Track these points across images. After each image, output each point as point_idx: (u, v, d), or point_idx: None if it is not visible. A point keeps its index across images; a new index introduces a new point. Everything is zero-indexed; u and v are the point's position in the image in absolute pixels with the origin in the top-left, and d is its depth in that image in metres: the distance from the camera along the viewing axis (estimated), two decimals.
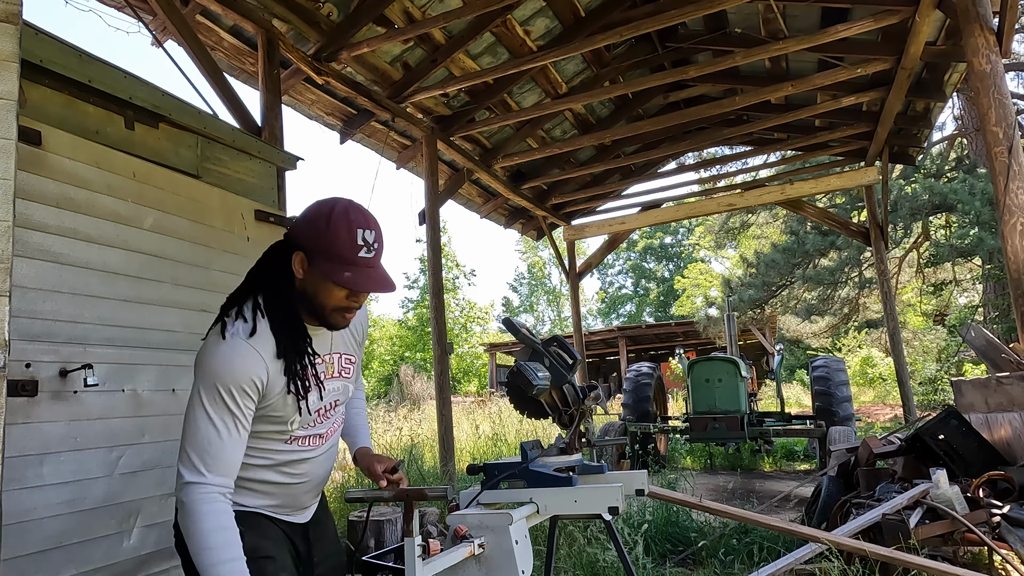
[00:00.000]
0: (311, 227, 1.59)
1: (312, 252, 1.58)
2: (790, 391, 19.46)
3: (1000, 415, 4.04)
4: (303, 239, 1.60)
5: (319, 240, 1.56)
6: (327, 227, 1.56)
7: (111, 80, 2.93)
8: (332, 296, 1.61)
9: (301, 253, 1.60)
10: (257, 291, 1.65)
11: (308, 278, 1.60)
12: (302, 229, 1.61)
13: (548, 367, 2.64)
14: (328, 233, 1.55)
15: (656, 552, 4.42)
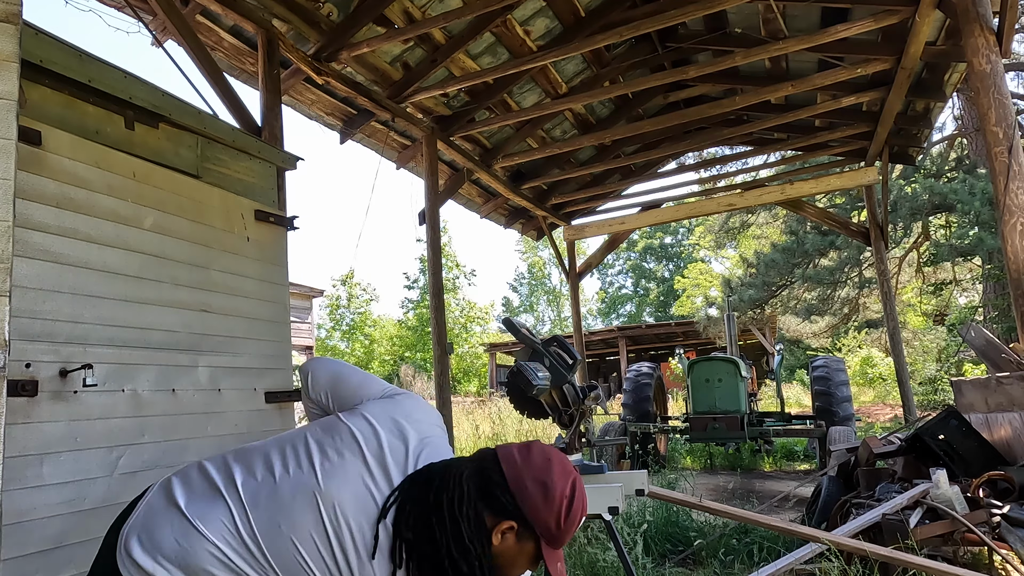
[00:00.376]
0: (533, 501, 1.30)
1: (523, 530, 1.32)
2: (790, 391, 19.46)
3: (1000, 415, 4.04)
4: (522, 509, 1.30)
5: (543, 519, 1.31)
6: (551, 507, 1.31)
7: (111, 80, 2.93)
8: (521, 566, 1.37)
9: (510, 524, 1.31)
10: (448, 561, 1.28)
11: (505, 548, 1.33)
12: (520, 495, 1.30)
13: (548, 367, 2.65)
14: (552, 514, 1.31)
15: (656, 552, 4.42)
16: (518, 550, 1.33)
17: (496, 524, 1.31)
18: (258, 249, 3.72)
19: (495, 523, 1.31)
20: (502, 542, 1.31)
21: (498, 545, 1.32)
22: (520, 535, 1.31)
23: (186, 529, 1.32)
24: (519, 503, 1.30)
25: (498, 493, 1.30)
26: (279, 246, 3.89)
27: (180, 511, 1.36)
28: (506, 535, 1.31)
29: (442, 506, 1.28)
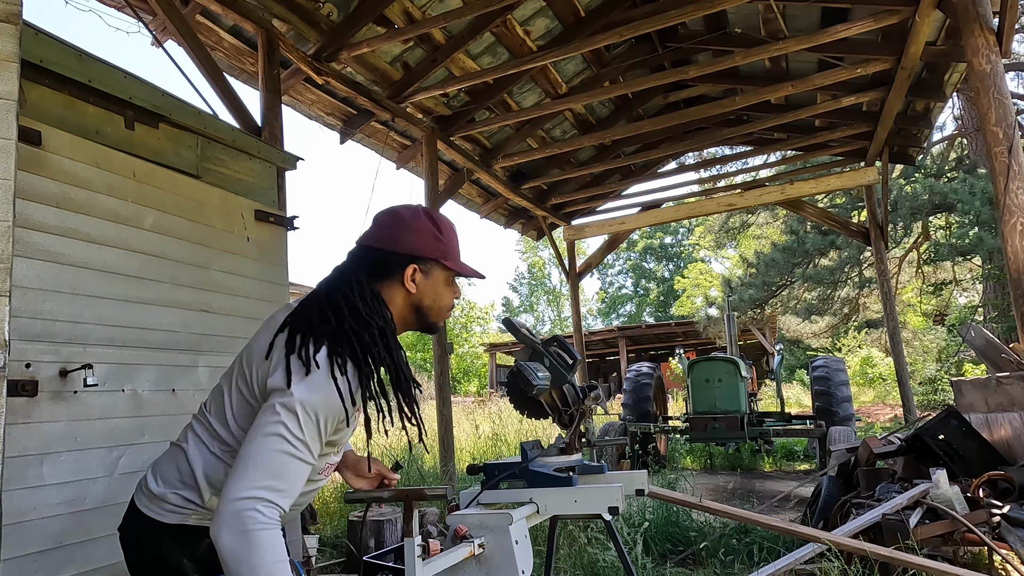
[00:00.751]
0: (422, 239, 1.52)
1: (431, 260, 1.53)
2: (790, 391, 19.46)
3: (1000, 415, 4.04)
4: (419, 249, 1.51)
5: (439, 247, 1.53)
6: (441, 233, 1.53)
7: (111, 80, 2.93)
8: (447, 299, 1.59)
9: (415, 265, 1.51)
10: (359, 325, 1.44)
11: (424, 288, 1.53)
12: (410, 240, 1.51)
13: (548, 367, 2.65)
14: (444, 238, 1.53)
15: (656, 552, 4.43)
16: (432, 281, 1.53)
17: (401, 278, 1.50)
18: (258, 249, 3.72)
19: (400, 279, 1.50)
20: (416, 286, 1.51)
21: (416, 291, 1.52)
22: (423, 270, 1.51)
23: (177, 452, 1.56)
24: (400, 249, 1.49)
25: (381, 260, 1.50)
26: (279, 246, 3.89)
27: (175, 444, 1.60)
28: (415, 278, 1.50)
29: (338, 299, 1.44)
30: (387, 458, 7.08)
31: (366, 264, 1.52)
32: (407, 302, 1.54)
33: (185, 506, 1.48)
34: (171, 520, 1.48)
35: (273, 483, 1.29)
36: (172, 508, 1.49)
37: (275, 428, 1.32)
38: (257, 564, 1.23)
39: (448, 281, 1.58)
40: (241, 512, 1.25)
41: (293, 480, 1.33)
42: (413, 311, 1.56)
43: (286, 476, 1.31)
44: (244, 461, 1.30)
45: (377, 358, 1.45)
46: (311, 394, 1.34)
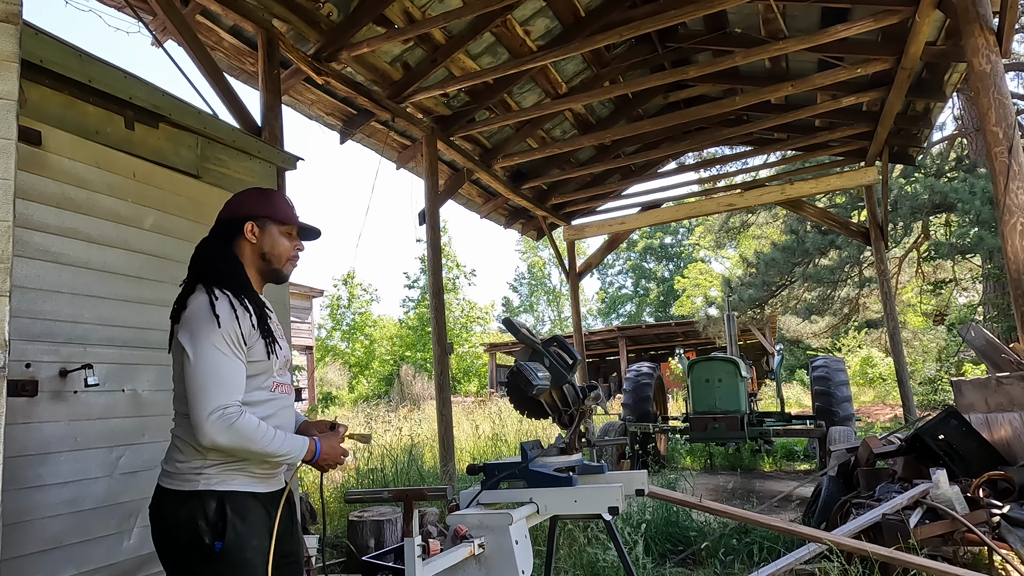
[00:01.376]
0: (252, 203, 1.97)
1: (262, 218, 1.95)
2: (790, 391, 19.45)
3: (1000, 415, 4.04)
4: (250, 211, 1.95)
5: (265, 207, 1.96)
6: (266, 198, 1.99)
7: (111, 80, 2.93)
8: (284, 247, 1.98)
9: (251, 222, 1.94)
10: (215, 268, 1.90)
11: (262, 239, 1.96)
12: (244, 207, 1.97)
13: (548, 367, 2.65)
14: (269, 201, 1.98)
15: (656, 552, 4.43)
16: (270, 234, 1.96)
17: (241, 233, 1.94)
18: None
19: (240, 233, 1.94)
20: (258, 236, 1.95)
21: (258, 240, 1.95)
22: (259, 223, 1.94)
23: (175, 438, 2.01)
24: (239, 212, 1.95)
25: (224, 224, 1.96)
26: None
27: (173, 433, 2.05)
28: (254, 231, 1.94)
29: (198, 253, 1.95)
30: (387, 458, 7.08)
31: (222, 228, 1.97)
32: (254, 252, 1.96)
33: (193, 473, 1.80)
34: (186, 488, 1.79)
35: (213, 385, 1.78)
36: (185, 478, 1.80)
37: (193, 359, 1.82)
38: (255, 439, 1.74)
39: (282, 233, 1.98)
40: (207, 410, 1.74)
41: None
42: (260, 258, 1.97)
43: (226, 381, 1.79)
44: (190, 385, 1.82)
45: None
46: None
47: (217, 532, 1.74)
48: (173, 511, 1.78)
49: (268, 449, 1.75)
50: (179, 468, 1.82)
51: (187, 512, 1.76)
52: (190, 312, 1.83)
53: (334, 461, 1.91)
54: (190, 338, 1.80)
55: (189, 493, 1.77)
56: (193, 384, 1.78)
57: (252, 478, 1.84)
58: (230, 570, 1.75)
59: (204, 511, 1.75)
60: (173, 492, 1.80)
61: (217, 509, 1.75)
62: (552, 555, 2.93)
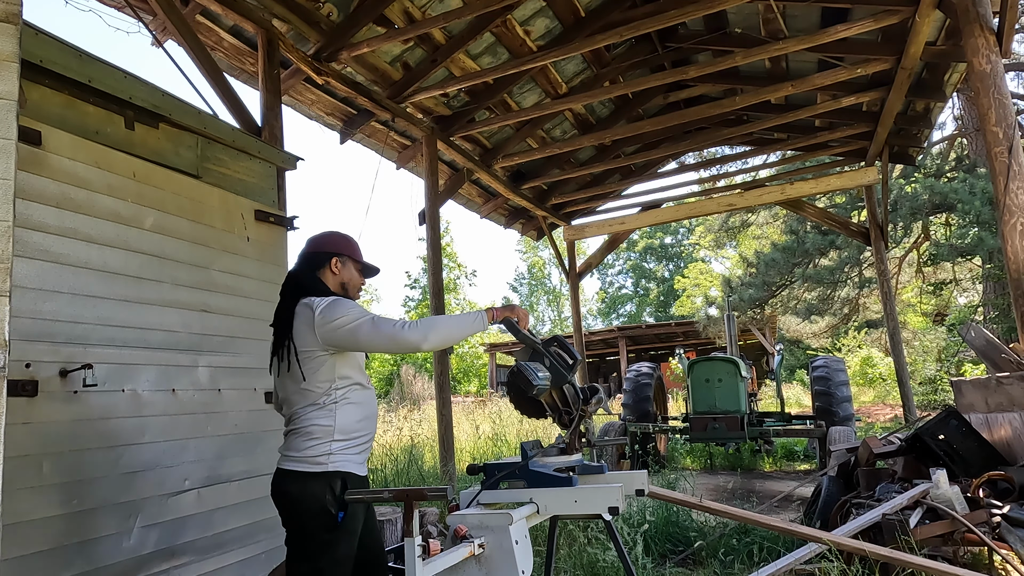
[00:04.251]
0: (336, 243, 2.54)
1: (344, 256, 2.51)
2: (790, 391, 19.45)
3: (1000, 415, 4.04)
4: (335, 249, 2.51)
5: (346, 248, 2.53)
6: (347, 241, 2.56)
7: (111, 80, 2.93)
8: (357, 280, 2.56)
9: (336, 258, 2.49)
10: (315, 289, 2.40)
11: (343, 272, 2.50)
12: (330, 245, 2.52)
13: (548, 367, 2.64)
14: (349, 244, 2.56)
15: (656, 552, 4.43)
16: (348, 269, 2.51)
17: (327, 265, 2.47)
18: (258, 249, 3.72)
19: (326, 265, 2.47)
20: (340, 268, 2.49)
21: (339, 273, 2.49)
22: (341, 260, 2.49)
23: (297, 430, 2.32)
24: (327, 249, 2.50)
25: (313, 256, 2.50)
26: (279, 246, 3.89)
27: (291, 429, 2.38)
28: (336, 265, 2.48)
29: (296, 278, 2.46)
30: (387, 458, 7.07)
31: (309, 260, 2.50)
32: (335, 281, 2.48)
33: (323, 456, 2.20)
34: (316, 469, 2.19)
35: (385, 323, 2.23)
36: (316, 461, 2.20)
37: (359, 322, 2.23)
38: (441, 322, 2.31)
39: (356, 269, 2.54)
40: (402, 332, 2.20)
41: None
42: (340, 286, 2.49)
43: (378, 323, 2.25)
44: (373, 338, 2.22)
45: None
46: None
47: (341, 505, 2.19)
48: (302, 488, 2.18)
49: (461, 325, 2.34)
50: (307, 453, 2.21)
51: (317, 488, 2.17)
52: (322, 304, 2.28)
53: (520, 313, 2.47)
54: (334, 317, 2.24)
55: (318, 473, 2.18)
56: (369, 331, 2.21)
57: (358, 464, 2.30)
58: (345, 537, 2.18)
59: (331, 488, 2.19)
60: (302, 473, 2.20)
61: (342, 487, 2.20)
62: (552, 555, 2.93)
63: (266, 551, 3.47)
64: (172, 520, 2.96)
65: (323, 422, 2.23)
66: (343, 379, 2.31)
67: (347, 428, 2.26)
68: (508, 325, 2.71)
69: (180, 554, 2.98)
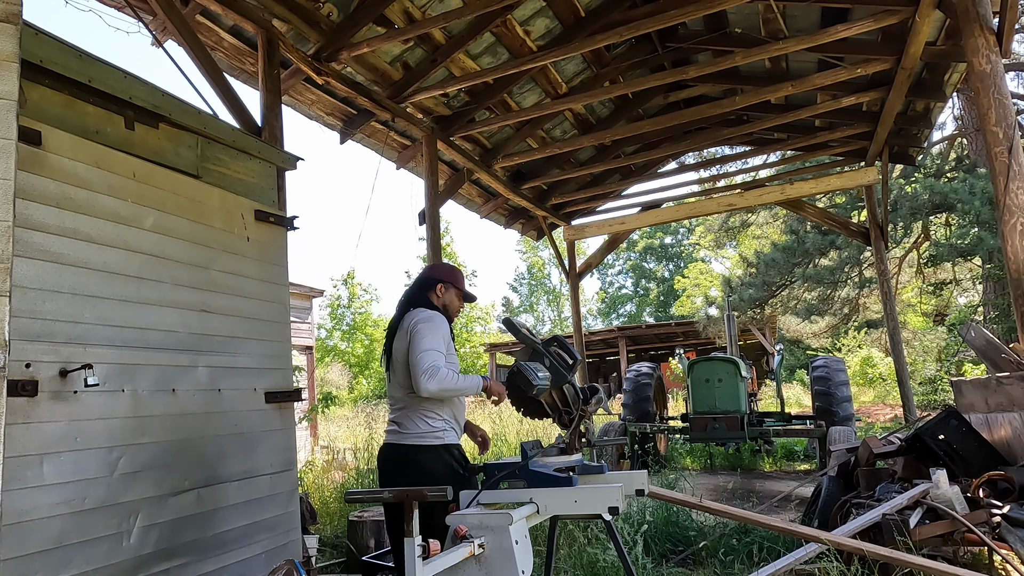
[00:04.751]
0: (444, 272, 3.20)
1: (448, 283, 3.14)
2: (790, 391, 19.45)
3: (1000, 415, 4.04)
4: (442, 277, 3.16)
5: (450, 277, 3.17)
6: (453, 272, 3.22)
7: (111, 80, 2.93)
8: (456, 305, 3.19)
9: (441, 284, 3.13)
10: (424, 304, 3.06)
11: (445, 296, 3.13)
12: (439, 273, 3.20)
13: (548, 367, 2.64)
14: (454, 274, 3.20)
15: (656, 552, 4.42)
16: (451, 294, 3.14)
17: (433, 289, 3.10)
18: (258, 249, 3.72)
19: (432, 289, 3.10)
20: (444, 293, 3.11)
21: (443, 296, 3.11)
22: (446, 287, 3.12)
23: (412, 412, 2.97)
24: (436, 276, 3.16)
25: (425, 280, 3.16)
26: (279, 246, 3.89)
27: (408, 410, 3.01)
28: (440, 290, 3.11)
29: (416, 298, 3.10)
30: None
31: (421, 285, 3.16)
32: (438, 302, 3.10)
33: (439, 432, 2.87)
34: (436, 443, 2.84)
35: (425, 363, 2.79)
36: (436, 436, 2.85)
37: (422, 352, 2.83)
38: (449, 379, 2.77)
39: (456, 295, 3.17)
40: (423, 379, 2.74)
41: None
42: (442, 308, 3.08)
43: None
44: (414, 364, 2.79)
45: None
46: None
47: (463, 466, 2.87)
48: (431, 458, 2.81)
49: (459, 384, 2.80)
50: (426, 431, 2.85)
51: (441, 458, 2.83)
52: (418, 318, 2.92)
53: (499, 392, 2.88)
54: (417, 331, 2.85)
55: (438, 446, 2.84)
56: (415, 357, 2.79)
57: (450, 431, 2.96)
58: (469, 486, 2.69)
59: (451, 455, 2.86)
60: (425, 447, 2.83)
61: (459, 454, 2.91)
62: (552, 555, 2.93)
63: (266, 551, 3.47)
64: (172, 520, 2.96)
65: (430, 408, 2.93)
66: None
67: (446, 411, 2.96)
68: (508, 325, 2.72)
69: (180, 554, 2.98)
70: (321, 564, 4.57)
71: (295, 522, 3.75)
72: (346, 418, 15.94)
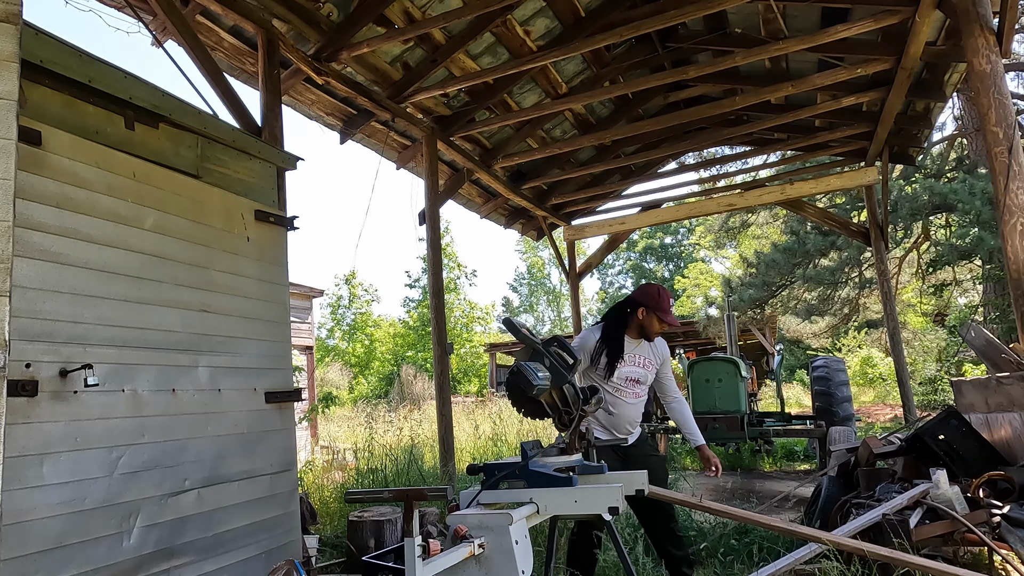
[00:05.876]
0: (649, 297, 3.65)
1: (650, 308, 3.64)
2: (790, 391, 19.46)
3: (1000, 415, 4.04)
4: (647, 301, 3.64)
5: (653, 302, 3.64)
6: (657, 299, 3.64)
7: (111, 80, 2.93)
8: (656, 328, 3.69)
9: (643, 308, 3.65)
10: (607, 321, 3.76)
11: (646, 319, 3.65)
12: (646, 297, 3.66)
13: (548, 367, 2.64)
14: (658, 301, 3.64)
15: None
16: (651, 318, 3.64)
17: (638, 312, 3.66)
18: (258, 249, 3.72)
19: (636, 312, 3.67)
20: (645, 317, 3.64)
21: (643, 318, 3.65)
22: (647, 312, 3.64)
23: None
24: (641, 300, 3.67)
25: (632, 300, 3.73)
26: (279, 246, 3.90)
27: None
28: (644, 314, 3.65)
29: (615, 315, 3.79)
30: (387, 458, 7.07)
31: (627, 303, 3.75)
32: (638, 324, 3.69)
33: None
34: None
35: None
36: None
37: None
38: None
39: (657, 319, 3.65)
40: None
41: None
42: (639, 328, 3.70)
43: None
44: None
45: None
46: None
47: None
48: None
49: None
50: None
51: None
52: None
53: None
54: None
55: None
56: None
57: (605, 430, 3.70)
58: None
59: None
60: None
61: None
62: (552, 555, 2.93)
63: (266, 551, 3.47)
64: (172, 520, 2.97)
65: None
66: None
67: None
68: (508, 325, 2.71)
69: (180, 554, 2.98)
70: (321, 564, 4.57)
71: (295, 522, 3.75)
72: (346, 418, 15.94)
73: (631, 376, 3.70)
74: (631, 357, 3.69)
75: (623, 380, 3.65)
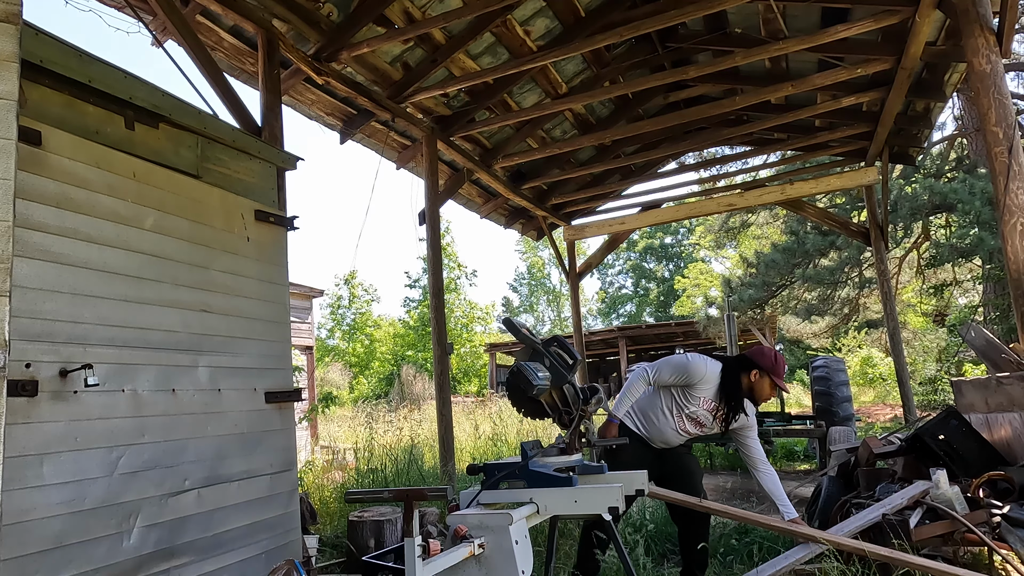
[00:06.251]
0: (766, 359, 3.63)
1: (765, 369, 3.62)
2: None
3: (1000, 415, 4.04)
4: (761, 364, 3.62)
5: (766, 364, 3.63)
6: (774, 364, 3.63)
7: (111, 80, 2.93)
8: (767, 392, 3.67)
9: (757, 371, 3.63)
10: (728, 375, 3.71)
11: (757, 382, 3.64)
12: (760, 360, 3.64)
13: (548, 367, 2.64)
14: (775, 366, 3.62)
15: (656, 552, 4.42)
16: (764, 382, 3.63)
17: (751, 374, 3.64)
18: (258, 249, 3.72)
19: (750, 374, 3.64)
20: (758, 380, 3.63)
21: (756, 382, 3.63)
22: (761, 374, 3.61)
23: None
24: (758, 361, 3.63)
25: (747, 359, 3.69)
26: (279, 246, 3.89)
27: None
28: (757, 377, 3.62)
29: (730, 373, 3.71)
30: (387, 458, 7.07)
31: (741, 361, 3.71)
32: (748, 385, 3.67)
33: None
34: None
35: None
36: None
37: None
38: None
39: (771, 383, 3.65)
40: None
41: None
42: (750, 389, 3.67)
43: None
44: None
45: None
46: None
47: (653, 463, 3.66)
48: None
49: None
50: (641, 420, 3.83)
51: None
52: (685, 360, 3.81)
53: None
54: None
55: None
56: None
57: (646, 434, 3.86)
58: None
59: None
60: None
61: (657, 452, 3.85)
62: (552, 555, 2.93)
63: (266, 551, 3.47)
64: (172, 520, 2.97)
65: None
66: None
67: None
68: (508, 325, 2.71)
69: (180, 554, 2.98)
70: (321, 564, 4.57)
71: (295, 522, 3.75)
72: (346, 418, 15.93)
73: (698, 418, 3.74)
74: (703, 405, 3.72)
75: (688, 415, 3.72)
